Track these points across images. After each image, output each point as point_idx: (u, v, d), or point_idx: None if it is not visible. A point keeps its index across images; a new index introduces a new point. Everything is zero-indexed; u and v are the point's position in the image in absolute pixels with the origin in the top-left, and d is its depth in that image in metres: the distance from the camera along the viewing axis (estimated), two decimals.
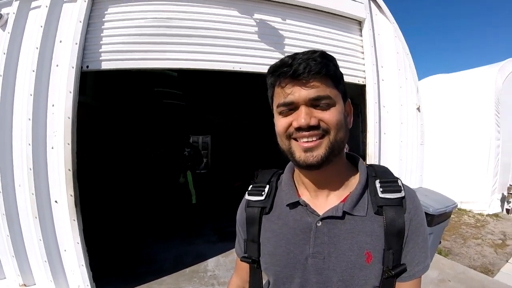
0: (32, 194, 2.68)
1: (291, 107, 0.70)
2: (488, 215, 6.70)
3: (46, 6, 2.64)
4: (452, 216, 5.94)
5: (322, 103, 0.68)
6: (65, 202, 2.71)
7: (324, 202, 0.77)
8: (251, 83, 7.75)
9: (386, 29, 3.65)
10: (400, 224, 0.72)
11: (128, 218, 5.77)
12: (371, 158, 3.47)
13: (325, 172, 0.73)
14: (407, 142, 3.72)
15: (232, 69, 3.04)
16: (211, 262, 3.85)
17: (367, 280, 0.71)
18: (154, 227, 5.28)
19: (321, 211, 0.76)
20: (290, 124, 0.70)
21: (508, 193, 7.05)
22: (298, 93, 0.67)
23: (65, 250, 2.81)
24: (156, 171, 9.35)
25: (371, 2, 3.59)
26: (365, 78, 3.55)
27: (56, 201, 2.73)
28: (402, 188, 0.75)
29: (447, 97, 7.65)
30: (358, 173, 0.80)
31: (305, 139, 0.69)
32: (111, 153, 6.90)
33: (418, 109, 3.76)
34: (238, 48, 3.05)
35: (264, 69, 3.14)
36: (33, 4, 2.68)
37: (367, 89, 3.53)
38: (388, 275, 0.70)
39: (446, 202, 3.51)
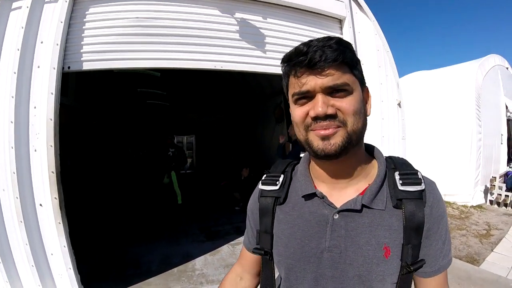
0: (17, 198, 2.64)
1: (307, 95, 0.67)
2: (472, 206, 6.88)
3: (27, 7, 2.60)
4: None
5: (340, 91, 0.66)
6: (49, 205, 2.68)
7: (342, 194, 0.75)
8: (234, 82, 7.80)
9: (366, 27, 3.71)
10: (420, 218, 0.69)
11: (113, 220, 5.72)
12: None
13: (343, 162, 0.71)
14: (389, 137, 3.78)
15: (213, 67, 3.04)
16: (198, 261, 3.86)
17: (384, 275, 0.69)
18: (140, 229, 5.24)
19: (338, 204, 0.73)
20: (307, 114, 0.67)
21: (491, 184, 7.26)
22: (314, 81, 0.64)
23: (52, 254, 2.78)
24: (140, 172, 9.27)
25: (351, 0, 3.65)
26: None
27: (41, 205, 2.70)
28: (423, 181, 0.72)
29: (430, 93, 7.82)
30: (377, 164, 0.78)
31: (322, 128, 0.66)
32: (95, 155, 6.80)
33: (399, 104, 3.83)
34: (219, 47, 3.06)
35: (245, 68, 3.17)
36: (14, 5, 2.63)
37: None
38: (406, 270, 0.68)
39: None
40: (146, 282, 3.29)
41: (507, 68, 8.72)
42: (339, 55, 0.63)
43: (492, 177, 7.39)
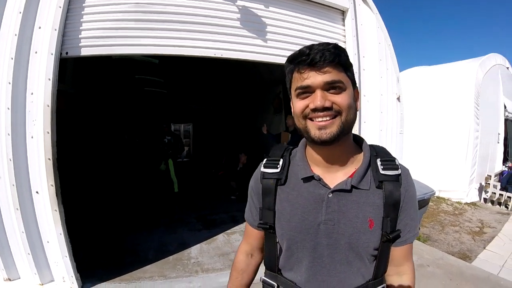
0: (13, 185, 2.61)
1: (308, 90, 0.80)
2: (466, 203, 6.96)
3: None
4: (431, 203, 6.13)
5: (335, 87, 0.78)
6: (46, 193, 2.66)
7: (334, 177, 0.89)
8: (233, 71, 7.73)
9: (369, 19, 3.68)
10: (397, 196, 0.85)
11: (110, 208, 5.67)
12: None
13: (335, 149, 0.86)
14: (387, 130, 3.79)
15: (213, 55, 3.00)
16: (194, 250, 3.88)
17: (369, 243, 0.85)
18: (137, 217, 5.21)
19: (331, 185, 0.87)
20: (307, 106, 0.80)
21: (486, 183, 7.34)
22: (314, 77, 0.78)
23: (48, 242, 2.77)
24: (136, 159, 9.23)
25: None
26: None
27: (37, 192, 2.68)
28: (399, 167, 0.89)
29: (429, 88, 7.84)
30: (362, 152, 0.92)
31: (319, 119, 0.79)
32: (91, 142, 6.71)
33: (398, 99, 3.84)
34: (220, 34, 3.02)
35: (246, 56, 3.12)
36: None
37: None
38: (386, 238, 0.84)
39: (423, 190, 3.63)
40: (142, 270, 3.29)
41: (507, 68, 8.74)
42: (335, 57, 0.77)
43: (487, 175, 7.46)
